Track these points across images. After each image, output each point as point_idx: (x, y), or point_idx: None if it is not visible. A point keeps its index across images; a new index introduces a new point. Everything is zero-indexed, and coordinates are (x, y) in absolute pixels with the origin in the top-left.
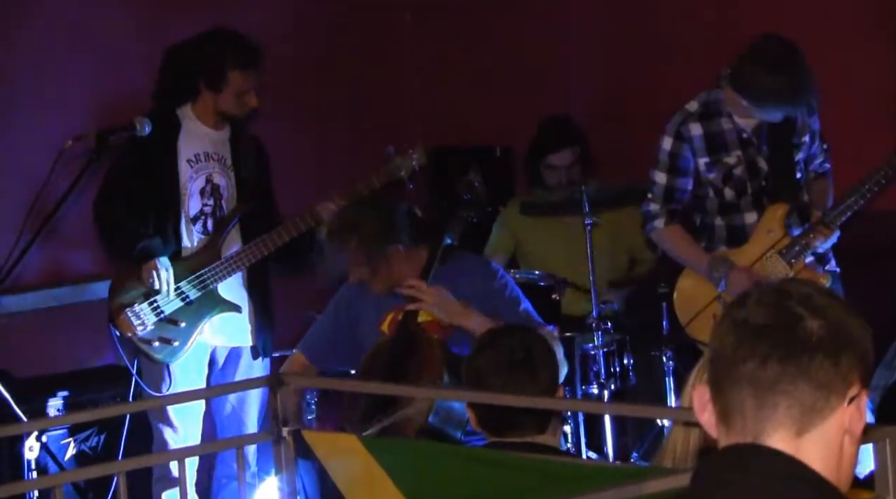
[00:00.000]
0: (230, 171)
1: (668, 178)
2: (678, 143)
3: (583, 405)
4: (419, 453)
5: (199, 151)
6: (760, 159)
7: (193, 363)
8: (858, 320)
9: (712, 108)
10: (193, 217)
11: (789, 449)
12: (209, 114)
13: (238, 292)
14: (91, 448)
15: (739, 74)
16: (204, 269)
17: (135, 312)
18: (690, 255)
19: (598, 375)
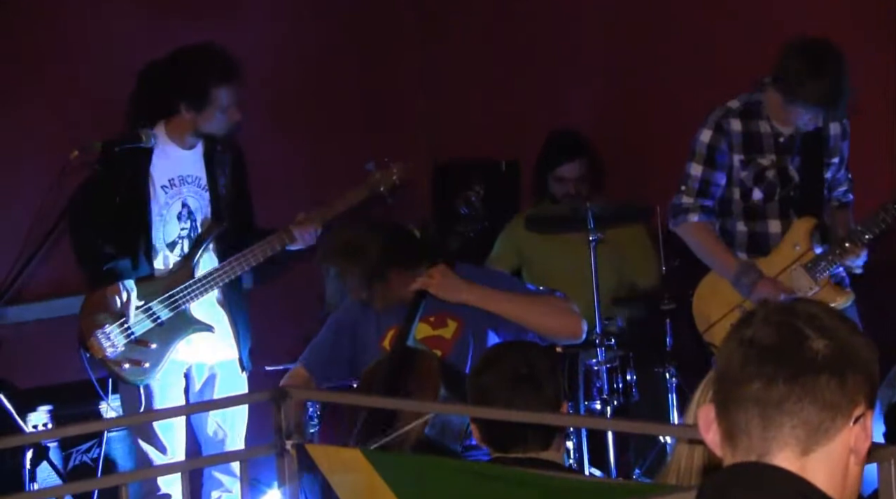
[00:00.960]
0: (205, 191)
1: (703, 170)
2: (717, 135)
3: (586, 422)
4: (422, 467)
5: (173, 175)
6: (792, 168)
7: (170, 382)
8: (864, 341)
9: (753, 108)
10: (171, 243)
11: (795, 468)
12: (184, 133)
13: (212, 310)
14: (93, 460)
15: (783, 72)
16: (175, 289)
17: (105, 334)
18: (720, 256)
19: (601, 391)
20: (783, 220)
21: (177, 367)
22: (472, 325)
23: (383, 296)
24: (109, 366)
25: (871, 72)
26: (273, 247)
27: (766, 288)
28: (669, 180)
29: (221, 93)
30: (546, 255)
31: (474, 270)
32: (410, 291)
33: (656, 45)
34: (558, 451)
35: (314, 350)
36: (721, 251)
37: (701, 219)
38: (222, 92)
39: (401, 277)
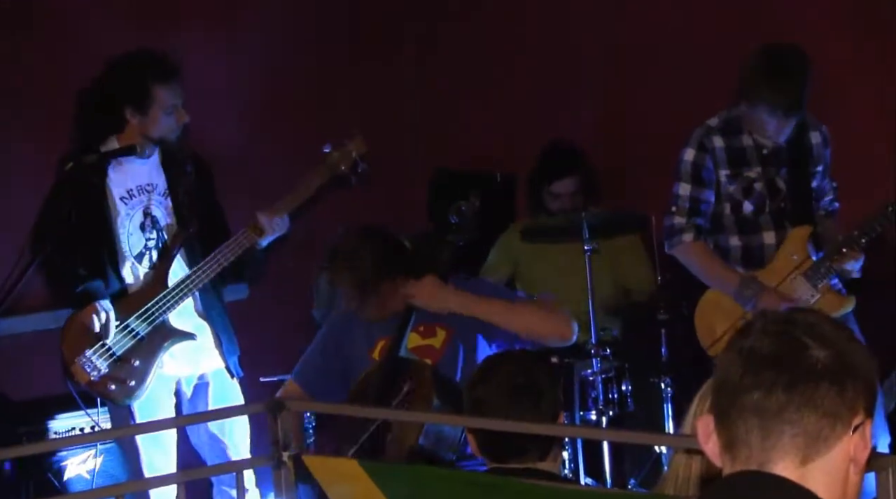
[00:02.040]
0: (166, 198)
1: (691, 189)
2: (701, 154)
3: (583, 432)
4: (419, 478)
5: (131, 185)
6: (779, 180)
7: (159, 397)
8: (863, 349)
9: (733, 124)
10: (138, 254)
11: (794, 477)
12: (136, 142)
13: (191, 319)
14: (88, 471)
15: (742, 78)
16: (150, 302)
17: (86, 359)
18: (720, 273)
19: (596, 401)
20: (777, 231)
21: (164, 382)
22: (461, 333)
23: (375, 306)
24: (96, 389)
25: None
26: (241, 243)
27: (769, 299)
28: (665, 190)
29: (162, 92)
30: (541, 265)
31: (464, 283)
32: (401, 302)
33: (653, 58)
34: (555, 461)
35: (305, 365)
36: (720, 268)
37: (694, 239)
38: (163, 91)
39: (392, 287)
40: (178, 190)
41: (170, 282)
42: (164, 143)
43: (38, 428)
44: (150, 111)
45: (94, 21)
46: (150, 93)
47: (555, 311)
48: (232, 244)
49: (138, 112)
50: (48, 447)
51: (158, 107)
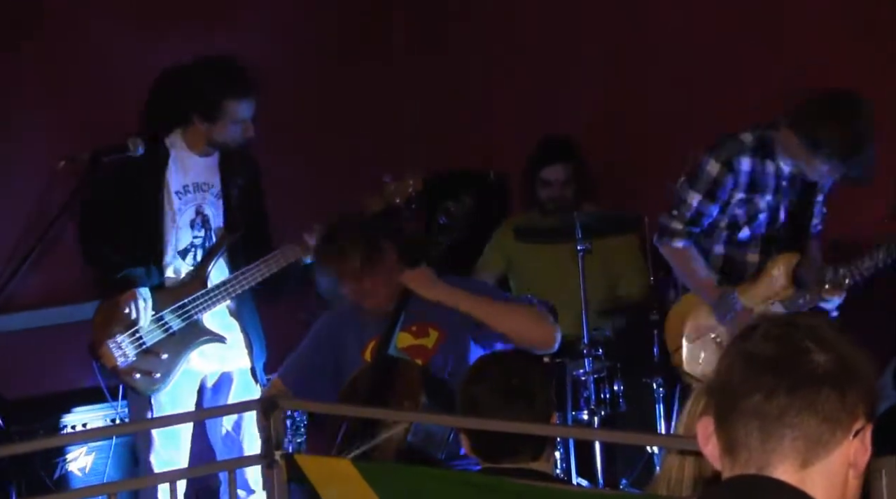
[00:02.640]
0: (219, 199)
1: (700, 200)
2: (725, 171)
3: (576, 432)
4: (412, 477)
5: (188, 182)
6: (782, 209)
7: (182, 392)
8: (864, 355)
9: (767, 147)
10: (183, 250)
11: (794, 481)
12: (200, 142)
13: (224, 321)
14: (80, 469)
15: (804, 119)
16: (187, 298)
17: (116, 344)
18: (701, 281)
19: (588, 401)
20: (762, 254)
21: (190, 377)
22: (452, 334)
23: (370, 293)
24: (120, 375)
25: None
26: (287, 257)
27: (745, 320)
28: (659, 191)
29: (234, 106)
30: (534, 264)
31: (455, 280)
32: (393, 293)
33: (650, 58)
34: (548, 461)
35: (294, 364)
36: (703, 277)
37: (685, 245)
38: (235, 106)
39: (384, 280)
40: (231, 193)
41: (209, 283)
42: (225, 148)
43: (29, 426)
44: (218, 122)
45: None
46: (221, 106)
47: (543, 318)
48: (277, 256)
49: (206, 120)
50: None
51: (227, 119)
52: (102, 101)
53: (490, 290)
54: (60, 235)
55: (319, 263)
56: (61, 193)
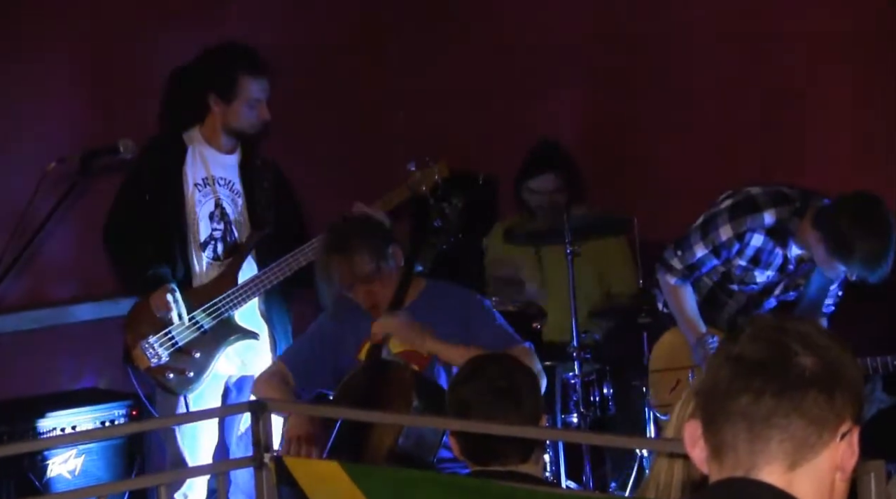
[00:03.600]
0: (238, 197)
1: (706, 255)
2: (734, 241)
3: (565, 435)
4: (401, 480)
5: (206, 174)
6: (780, 287)
7: (210, 395)
8: (852, 358)
9: (784, 233)
10: (203, 242)
11: (781, 483)
12: (218, 134)
13: (255, 319)
14: (69, 471)
15: (831, 224)
16: (218, 297)
17: (149, 344)
18: (687, 321)
19: (577, 404)
20: (738, 312)
21: (215, 379)
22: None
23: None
24: (154, 376)
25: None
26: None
27: None
28: (648, 193)
29: (249, 83)
30: (525, 267)
31: (452, 297)
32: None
33: (637, 60)
34: (537, 464)
35: (294, 350)
36: (689, 317)
37: (677, 283)
38: (250, 83)
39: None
40: (252, 191)
41: (239, 280)
42: (242, 136)
43: (18, 428)
44: (234, 102)
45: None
46: (236, 82)
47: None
48: (306, 250)
49: (222, 100)
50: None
51: (242, 98)
52: (93, 102)
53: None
54: (49, 237)
55: (326, 269)
56: (51, 196)
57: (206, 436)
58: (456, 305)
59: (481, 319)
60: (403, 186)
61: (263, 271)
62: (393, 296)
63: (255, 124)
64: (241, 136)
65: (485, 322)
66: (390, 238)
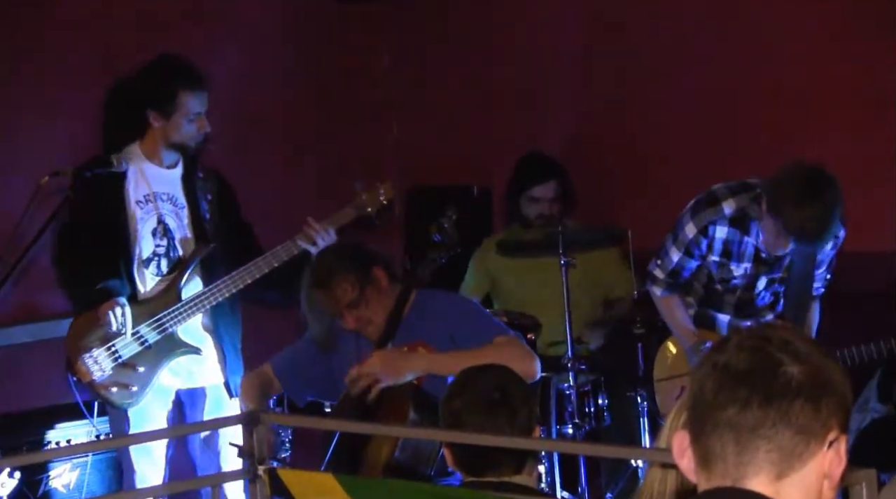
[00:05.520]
0: (182, 210)
1: (680, 257)
2: (700, 236)
3: (559, 446)
4: (396, 492)
5: (147, 191)
6: (763, 280)
7: (153, 407)
8: (837, 366)
9: (745, 220)
10: (147, 259)
11: (769, 493)
12: (158, 149)
13: (198, 334)
14: (63, 485)
15: (772, 192)
16: (162, 312)
17: (92, 358)
18: (680, 328)
19: (572, 415)
20: (737, 313)
21: (160, 392)
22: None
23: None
24: (97, 389)
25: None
26: (261, 269)
27: None
28: (642, 204)
29: (188, 98)
30: (518, 279)
31: (440, 300)
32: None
33: (629, 73)
34: (531, 475)
35: (286, 356)
36: (682, 324)
37: (664, 294)
38: (188, 97)
39: (374, 299)
40: (197, 205)
41: (183, 295)
42: (184, 149)
43: (12, 443)
44: (173, 117)
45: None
46: (175, 98)
47: (518, 354)
48: (251, 268)
49: (161, 116)
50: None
51: (181, 113)
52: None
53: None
54: (42, 251)
55: (312, 303)
56: (44, 210)
57: (158, 446)
58: (443, 309)
59: (466, 318)
60: (349, 207)
61: (210, 288)
62: (390, 315)
63: (196, 137)
64: (183, 149)
65: (470, 320)
66: (372, 260)
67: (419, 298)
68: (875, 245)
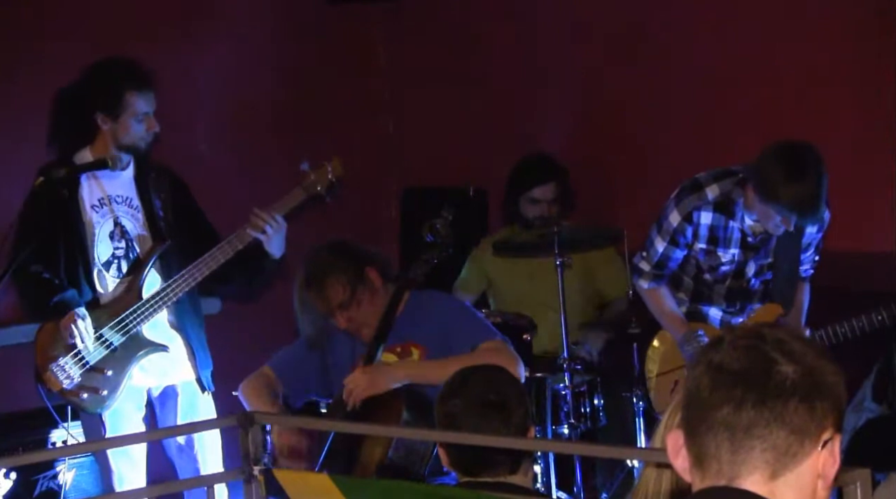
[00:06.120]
0: (137, 211)
1: (665, 247)
2: (685, 223)
3: (555, 446)
4: (391, 492)
5: (102, 194)
6: (752, 265)
7: (127, 408)
8: (832, 366)
9: (729, 205)
10: (106, 262)
11: (763, 492)
12: (108, 150)
13: (164, 331)
14: (59, 486)
15: (759, 173)
16: (125, 312)
17: (60, 367)
18: (669, 321)
19: (568, 415)
20: (728, 303)
21: (133, 394)
22: (435, 352)
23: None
24: (68, 397)
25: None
26: (225, 253)
27: None
28: (638, 205)
29: (135, 99)
30: (514, 279)
31: (433, 301)
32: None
33: (626, 73)
34: (526, 475)
35: (283, 356)
36: (670, 316)
37: (651, 286)
38: (136, 98)
39: (367, 299)
40: (151, 204)
41: (144, 294)
42: (135, 151)
43: (7, 443)
44: (121, 118)
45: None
46: (122, 99)
47: (502, 358)
48: (208, 259)
49: (109, 118)
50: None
51: (129, 114)
52: None
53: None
54: None
55: (304, 302)
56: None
57: (137, 447)
58: (434, 310)
59: (456, 319)
60: (298, 189)
61: (168, 283)
62: (383, 316)
63: (146, 137)
64: (133, 150)
65: (459, 321)
66: (365, 260)
67: (412, 298)
68: (875, 245)
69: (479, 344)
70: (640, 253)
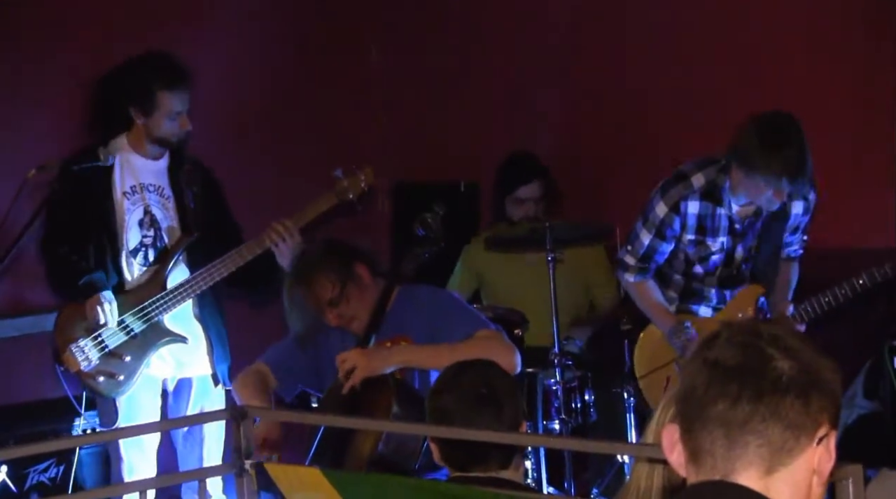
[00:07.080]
0: (168, 201)
1: (651, 239)
2: (672, 214)
3: (545, 441)
4: (381, 486)
5: (135, 182)
6: (741, 249)
7: (144, 396)
8: (828, 362)
9: (716, 192)
10: (133, 249)
11: (758, 487)
12: (143, 142)
13: (186, 323)
14: (50, 479)
15: (741, 146)
16: (148, 301)
17: (79, 348)
18: (656, 313)
19: (559, 410)
20: (719, 288)
21: (149, 383)
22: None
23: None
24: (84, 379)
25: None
26: (243, 256)
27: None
28: (629, 201)
29: (167, 98)
30: (505, 275)
31: (424, 295)
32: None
33: (616, 68)
34: (517, 470)
35: (276, 351)
36: (657, 308)
37: (637, 280)
38: (168, 97)
39: (356, 294)
40: (182, 196)
41: (168, 284)
42: (168, 144)
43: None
44: (154, 115)
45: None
46: (154, 97)
47: (498, 348)
48: (234, 255)
49: (142, 114)
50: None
51: (162, 112)
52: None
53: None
54: (29, 244)
55: (294, 299)
56: (31, 203)
57: (149, 437)
58: (424, 302)
59: (447, 312)
60: (330, 194)
61: (193, 276)
62: (374, 310)
63: (178, 134)
64: (166, 144)
65: (451, 313)
66: (353, 256)
67: (402, 292)
68: (875, 244)
69: (473, 333)
70: (624, 247)
